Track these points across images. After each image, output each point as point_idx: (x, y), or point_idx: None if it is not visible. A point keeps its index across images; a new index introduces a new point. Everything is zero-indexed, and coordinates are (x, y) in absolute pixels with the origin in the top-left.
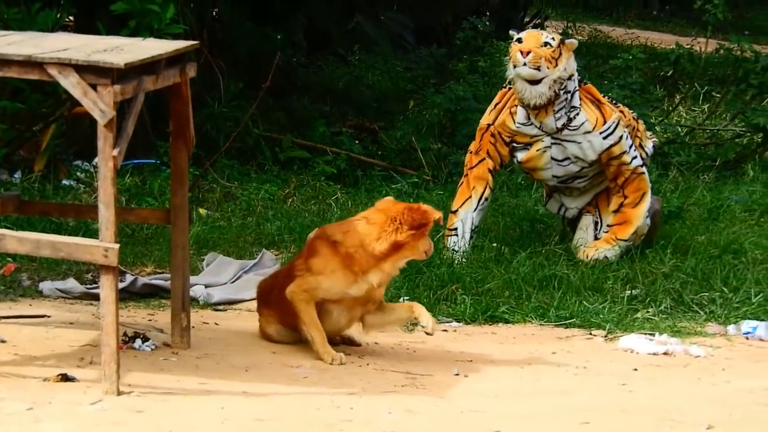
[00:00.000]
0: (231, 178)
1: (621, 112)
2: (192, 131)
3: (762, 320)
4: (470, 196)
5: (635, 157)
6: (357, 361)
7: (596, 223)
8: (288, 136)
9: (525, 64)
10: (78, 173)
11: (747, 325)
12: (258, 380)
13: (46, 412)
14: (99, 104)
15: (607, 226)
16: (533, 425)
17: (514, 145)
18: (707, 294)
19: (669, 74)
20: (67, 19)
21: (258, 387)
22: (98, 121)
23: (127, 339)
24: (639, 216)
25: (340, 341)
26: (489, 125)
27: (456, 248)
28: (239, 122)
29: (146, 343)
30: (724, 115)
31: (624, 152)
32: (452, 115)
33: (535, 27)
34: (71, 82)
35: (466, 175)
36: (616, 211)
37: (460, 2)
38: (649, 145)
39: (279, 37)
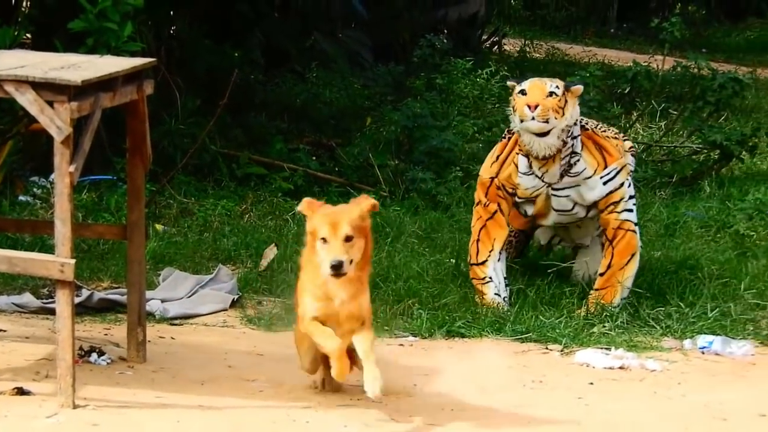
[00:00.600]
0: (188, 194)
1: (608, 137)
2: (149, 147)
3: (718, 335)
4: (492, 247)
5: (632, 210)
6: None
7: (603, 245)
8: (245, 152)
9: (533, 119)
10: (35, 189)
11: (703, 339)
12: (214, 394)
13: (1, 425)
14: (56, 121)
15: (594, 290)
16: None
17: (517, 199)
18: (663, 309)
19: (626, 91)
20: (24, 37)
21: (214, 401)
22: (55, 138)
23: (83, 353)
24: (626, 280)
25: None
26: (492, 178)
27: (498, 292)
28: (196, 139)
29: (102, 357)
30: (681, 132)
31: (623, 199)
32: (409, 132)
33: (492, 45)
34: (28, 99)
35: (485, 226)
36: (602, 274)
37: (418, 20)
38: (629, 159)
39: (236, 54)
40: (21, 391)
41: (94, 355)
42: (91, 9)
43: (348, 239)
